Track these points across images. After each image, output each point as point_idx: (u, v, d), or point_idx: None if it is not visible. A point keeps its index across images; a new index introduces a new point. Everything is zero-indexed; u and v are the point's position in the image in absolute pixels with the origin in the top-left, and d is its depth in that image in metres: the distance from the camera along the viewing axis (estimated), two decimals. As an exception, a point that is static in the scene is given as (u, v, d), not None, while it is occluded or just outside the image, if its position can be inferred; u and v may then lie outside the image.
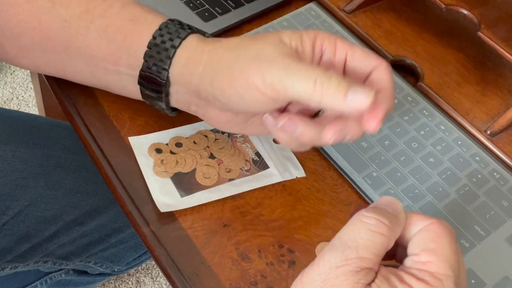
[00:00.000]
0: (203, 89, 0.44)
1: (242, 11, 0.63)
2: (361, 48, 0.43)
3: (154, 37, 0.45)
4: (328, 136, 0.42)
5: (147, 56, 0.45)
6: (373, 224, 0.35)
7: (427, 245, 0.35)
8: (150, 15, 0.47)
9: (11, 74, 1.53)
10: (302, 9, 0.65)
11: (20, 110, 1.45)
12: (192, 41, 0.45)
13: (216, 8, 0.63)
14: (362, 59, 0.43)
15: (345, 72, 0.43)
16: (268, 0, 0.65)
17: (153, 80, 0.45)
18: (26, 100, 1.49)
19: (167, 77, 0.45)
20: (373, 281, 0.33)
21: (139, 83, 0.46)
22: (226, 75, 0.42)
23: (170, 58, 0.44)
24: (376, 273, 0.34)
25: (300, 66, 0.40)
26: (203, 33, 0.47)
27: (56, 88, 0.55)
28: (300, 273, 0.35)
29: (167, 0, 0.64)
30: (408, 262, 0.35)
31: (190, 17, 0.62)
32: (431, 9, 0.65)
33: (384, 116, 0.41)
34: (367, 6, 0.65)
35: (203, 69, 0.43)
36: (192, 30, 0.46)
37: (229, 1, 0.64)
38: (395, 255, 0.39)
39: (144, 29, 0.46)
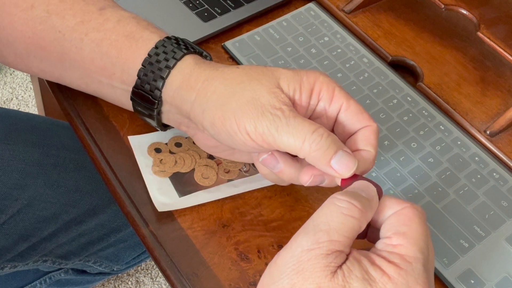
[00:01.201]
0: (193, 116, 0.44)
1: (241, 11, 0.63)
2: (356, 103, 0.42)
3: (149, 55, 0.45)
4: (305, 179, 0.42)
5: (141, 73, 0.45)
6: (345, 207, 0.35)
7: (399, 229, 0.36)
8: (147, 31, 0.46)
9: (10, 74, 1.53)
10: (301, 9, 0.65)
11: (19, 110, 1.45)
12: (188, 63, 0.44)
13: (216, 8, 0.63)
14: (355, 114, 0.42)
15: (335, 123, 0.43)
16: (267, 0, 0.65)
17: (146, 98, 0.45)
18: (26, 100, 1.49)
19: (160, 96, 0.45)
20: (344, 263, 0.34)
21: (132, 99, 0.46)
22: (219, 111, 0.41)
23: (164, 78, 0.44)
24: (348, 255, 0.35)
25: (290, 122, 0.39)
26: (200, 52, 0.47)
27: (56, 88, 0.55)
28: (275, 255, 0.35)
29: (167, 1, 0.64)
30: (379, 244, 0.36)
31: (189, 17, 0.62)
32: (430, 9, 0.65)
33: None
34: (367, 6, 0.65)
35: (196, 98, 0.43)
36: (189, 50, 0.45)
37: (228, 1, 0.64)
38: (367, 235, 0.39)
39: (139, 46, 0.45)
